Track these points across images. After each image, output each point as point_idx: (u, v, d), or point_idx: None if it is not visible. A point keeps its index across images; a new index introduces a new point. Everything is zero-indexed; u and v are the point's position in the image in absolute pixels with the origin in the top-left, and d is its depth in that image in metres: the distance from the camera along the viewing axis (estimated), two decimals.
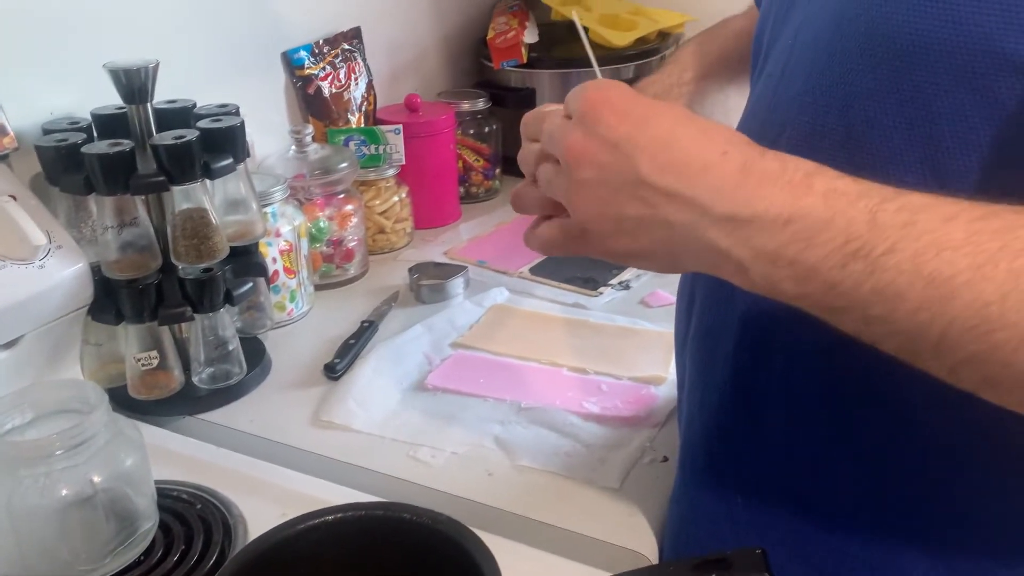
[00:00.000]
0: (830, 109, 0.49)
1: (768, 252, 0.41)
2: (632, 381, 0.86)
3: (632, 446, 0.76)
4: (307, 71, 1.16)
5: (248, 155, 0.84)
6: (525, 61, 1.35)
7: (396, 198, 1.18)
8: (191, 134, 0.74)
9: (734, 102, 0.79)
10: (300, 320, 1.02)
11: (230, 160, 0.78)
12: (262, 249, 0.93)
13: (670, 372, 0.86)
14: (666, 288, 1.04)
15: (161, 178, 0.74)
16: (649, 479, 0.72)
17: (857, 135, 0.47)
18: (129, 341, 0.79)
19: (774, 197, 0.40)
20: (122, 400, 0.82)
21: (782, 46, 0.56)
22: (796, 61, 0.53)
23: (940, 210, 0.38)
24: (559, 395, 0.83)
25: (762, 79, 0.59)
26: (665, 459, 0.75)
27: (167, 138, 0.74)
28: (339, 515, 0.56)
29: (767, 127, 0.54)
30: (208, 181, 0.78)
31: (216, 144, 0.78)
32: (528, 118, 0.52)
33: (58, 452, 0.58)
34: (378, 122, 1.23)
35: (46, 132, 0.80)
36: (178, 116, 0.82)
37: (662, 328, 0.95)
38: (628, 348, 0.91)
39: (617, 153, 0.44)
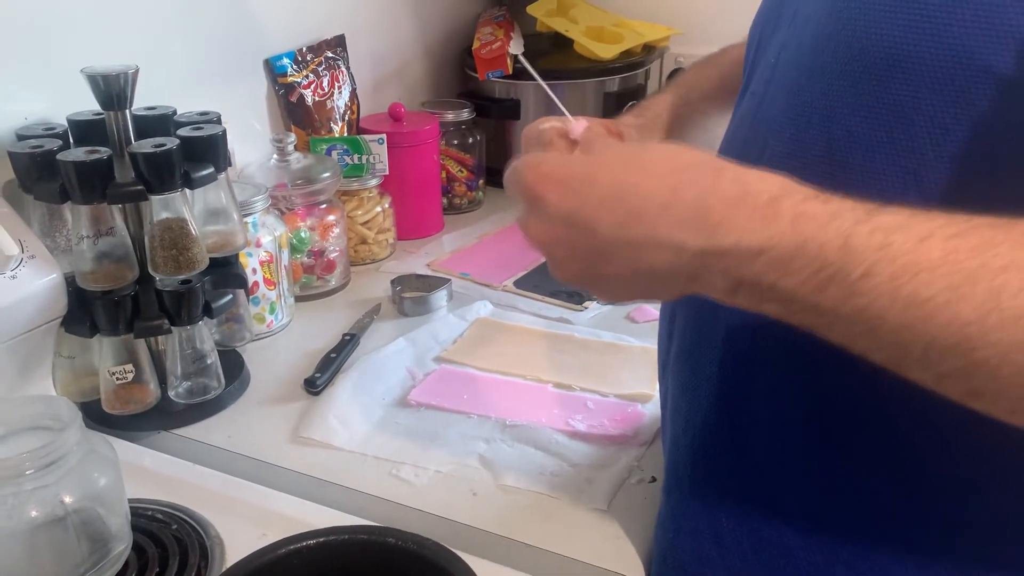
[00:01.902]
0: (811, 125, 0.49)
1: (748, 280, 0.41)
2: (618, 399, 0.84)
3: (619, 466, 0.74)
4: (290, 79, 1.14)
5: (230, 164, 0.82)
6: (510, 72, 1.35)
7: (379, 208, 1.16)
8: (171, 142, 0.72)
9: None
10: (280, 332, 1.00)
11: (211, 169, 0.76)
12: (242, 260, 0.91)
13: (656, 390, 0.85)
14: (652, 303, 1.03)
15: (139, 187, 0.72)
16: (636, 500, 0.71)
17: (838, 150, 0.47)
18: (103, 354, 0.77)
19: (742, 227, 0.40)
20: (95, 415, 0.80)
21: (765, 65, 0.56)
22: (779, 79, 0.53)
23: (915, 229, 0.38)
24: (544, 412, 0.82)
25: (746, 98, 0.59)
26: (653, 479, 0.73)
27: (146, 146, 0.72)
28: (322, 539, 0.55)
29: (750, 145, 0.55)
30: (188, 191, 0.76)
31: (197, 153, 0.76)
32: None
33: (28, 472, 0.56)
34: (361, 131, 1.21)
35: (20, 138, 0.77)
36: (158, 123, 0.80)
37: (648, 344, 0.94)
38: (614, 364, 0.90)
39: (573, 226, 0.45)
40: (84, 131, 0.79)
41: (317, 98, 1.17)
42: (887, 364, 0.41)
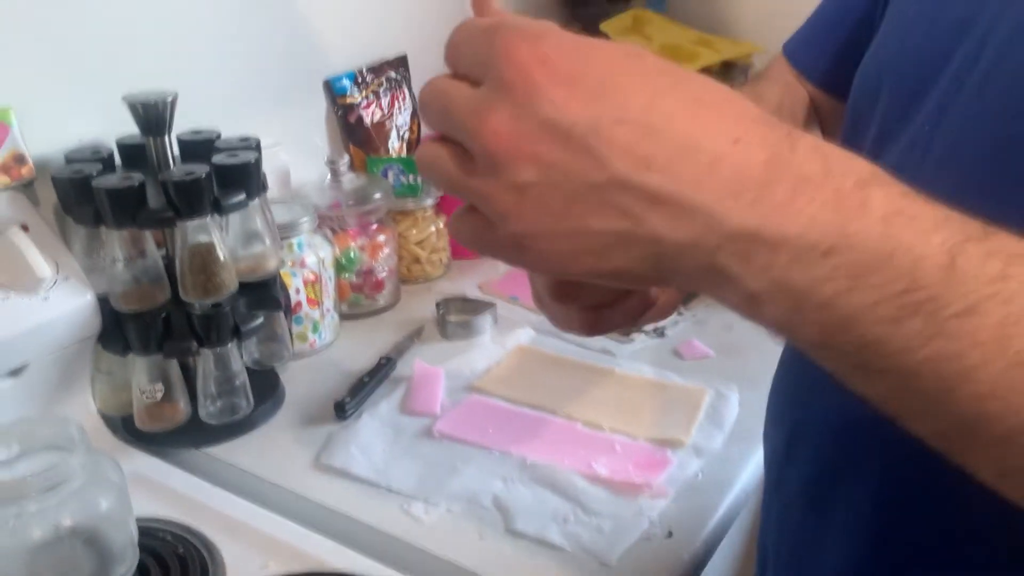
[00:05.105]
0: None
1: (794, 290, 0.29)
2: (648, 442, 0.81)
3: (636, 518, 0.71)
4: (349, 100, 1.15)
5: (265, 189, 0.83)
6: None
7: (432, 227, 1.16)
8: (201, 170, 0.74)
9: None
10: (323, 351, 1.00)
11: (243, 196, 0.77)
12: (285, 279, 0.92)
13: (691, 435, 0.81)
14: (703, 339, 0.99)
15: (169, 213, 0.73)
16: (648, 557, 0.67)
17: None
18: (136, 372, 0.79)
19: (814, 214, 0.29)
20: (132, 429, 0.82)
21: (926, 111, 0.46)
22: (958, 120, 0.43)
23: None
24: (568, 452, 0.79)
25: (898, 146, 0.48)
26: (670, 534, 0.70)
27: (176, 174, 0.74)
28: None
29: None
30: (219, 216, 0.77)
31: (230, 179, 0.77)
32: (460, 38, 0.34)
33: (32, 494, 0.58)
34: None
35: (69, 161, 0.80)
36: (200, 148, 0.82)
37: (692, 383, 0.89)
38: (651, 404, 0.87)
39: (572, 145, 0.30)
40: (131, 154, 0.81)
41: (376, 119, 1.18)
42: (935, 438, 0.30)
